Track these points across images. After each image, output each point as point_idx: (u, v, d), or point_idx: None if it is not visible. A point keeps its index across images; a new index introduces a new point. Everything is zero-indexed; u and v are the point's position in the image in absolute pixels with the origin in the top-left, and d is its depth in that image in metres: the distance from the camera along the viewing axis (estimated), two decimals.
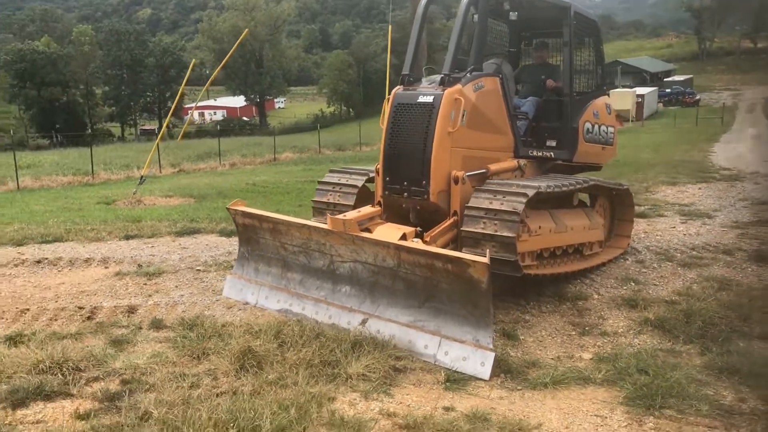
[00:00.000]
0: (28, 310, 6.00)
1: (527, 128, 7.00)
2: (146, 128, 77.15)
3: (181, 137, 28.42)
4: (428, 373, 4.61)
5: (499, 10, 6.73)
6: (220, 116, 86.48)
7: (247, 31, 19.86)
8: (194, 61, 22.71)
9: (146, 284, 6.80)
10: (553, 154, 7.00)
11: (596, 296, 6.31)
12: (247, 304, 6.05)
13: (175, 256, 7.96)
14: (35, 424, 3.84)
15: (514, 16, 6.60)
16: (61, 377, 4.37)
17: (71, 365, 4.53)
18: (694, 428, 3.86)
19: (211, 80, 22.54)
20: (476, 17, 6.36)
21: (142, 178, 15.84)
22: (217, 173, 23.82)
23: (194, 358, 4.80)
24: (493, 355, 4.56)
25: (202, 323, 5.48)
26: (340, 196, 6.64)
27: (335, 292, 5.52)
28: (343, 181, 6.77)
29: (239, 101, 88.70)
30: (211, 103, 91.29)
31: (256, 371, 4.49)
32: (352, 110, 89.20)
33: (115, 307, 6.07)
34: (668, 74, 79.84)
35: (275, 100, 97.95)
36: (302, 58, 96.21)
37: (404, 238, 5.24)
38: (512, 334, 5.38)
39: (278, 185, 16.95)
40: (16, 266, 7.58)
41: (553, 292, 6.30)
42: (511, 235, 5.31)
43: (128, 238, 9.13)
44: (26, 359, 4.56)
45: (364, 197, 6.62)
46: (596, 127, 7.39)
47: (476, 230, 5.46)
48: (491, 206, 5.48)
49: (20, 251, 8.29)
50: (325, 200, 6.72)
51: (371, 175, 6.58)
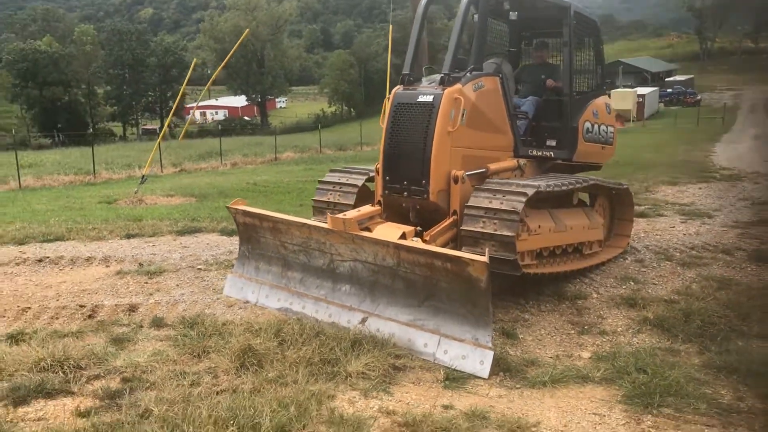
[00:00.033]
0: (29, 308, 6.02)
1: (527, 128, 7.01)
2: (148, 128, 77.18)
3: (182, 137, 28.41)
4: (427, 371, 4.63)
5: (499, 9, 6.74)
6: (221, 116, 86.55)
7: (248, 30, 19.89)
8: (195, 60, 22.72)
9: (147, 283, 6.82)
10: (552, 153, 7.01)
11: (595, 295, 6.32)
12: (247, 302, 6.07)
13: (176, 255, 7.98)
14: (36, 421, 3.86)
15: (514, 15, 6.61)
16: (62, 375, 4.39)
17: (72, 363, 4.55)
18: (691, 426, 3.87)
19: (212, 80, 22.56)
20: (476, 17, 6.38)
21: (143, 177, 15.88)
22: (218, 173, 23.83)
23: (195, 356, 4.82)
24: (492, 353, 4.57)
25: (202, 322, 5.50)
26: (340, 195, 6.66)
27: (335, 290, 5.54)
28: (343, 180, 6.79)
29: (241, 101, 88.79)
30: (212, 102, 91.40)
31: (256, 369, 4.51)
32: (353, 110, 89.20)
33: (116, 305, 6.10)
34: (669, 74, 79.79)
35: (276, 99, 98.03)
36: (304, 57, 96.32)
37: (404, 237, 5.25)
38: (511, 332, 5.40)
39: (279, 185, 16.96)
40: (17, 265, 7.61)
41: (552, 291, 6.31)
42: (510, 234, 5.33)
43: (129, 237, 9.15)
44: (27, 357, 4.58)
45: (364, 196, 6.64)
46: (596, 126, 7.40)
47: (476, 229, 5.48)
48: (491, 205, 5.49)
49: (22, 250, 8.31)
50: (325, 199, 6.74)
51: (371, 174, 6.59)
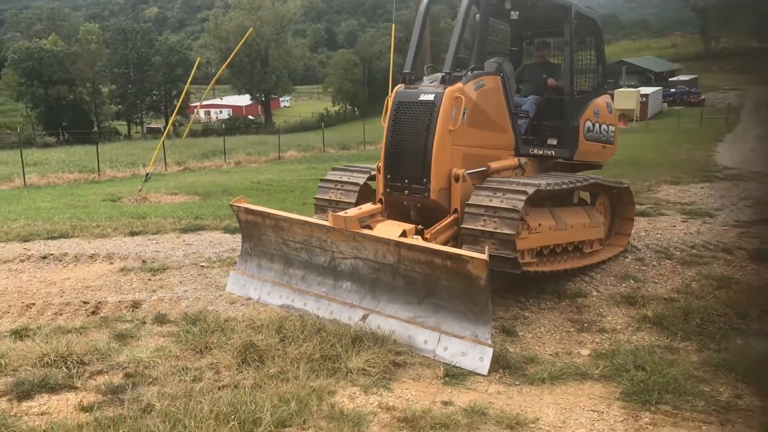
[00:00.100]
0: (33, 304, 6.08)
1: (528, 127, 7.03)
2: (152, 126, 77.32)
3: (186, 135, 28.51)
4: (427, 368, 4.66)
5: (500, 9, 6.75)
6: (225, 115, 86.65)
7: (251, 30, 19.96)
8: (199, 59, 22.77)
9: (150, 280, 6.87)
10: (553, 152, 7.03)
11: (595, 293, 6.34)
12: (249, 299, 6.12)
13: (179, 252, 8.03)
14: (40, 415, 3.91)
15: (515, 15, 6.62)
16: (65, 370, 4.45)
17: (75, 359, 4.61)
18: (689, 423, 3.90)
19: (216, 78, 22.62)
20: (478, 16, 6.40)
21: (147, 175, 15.92)
22: (222, 171, 23.87)
23: (197, 352, 4.87)
24: (491, 350, 4.60)
25: (205, 318, 5.55)
26: (342, 193, 6.70)
27: (336, 288, 5.58)
28: (345, 178, 6.83)
29: (245, 100, 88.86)
30: (216, 101, 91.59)
31: (257, 365, 4.55)
32: (357, 109, 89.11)
33: (119, 302, 6.15)
34: (673, 74, 79.50)
35: (280, 98, 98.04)
36: (308, 57, 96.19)
37: (404, 235, 5.28)
38: (511, 330, 5.43)
39: (282, 183, 17.00)
40: (22, 262, 7.67)
41: (552, 289, 6.33)
42: (510, 232, 5.36)
43: (133, 234, 9.20)
44: (31, 353, 4.65)
45: (365, 195, 6.68)
46: (597, 125, 7.42)
47: (476, 227, 5.51)
48: (491, 204, 5.52)
49: (26, 247, 8.37)
50: (327, 197, 6.78)
51: (373, 173, 6.63)
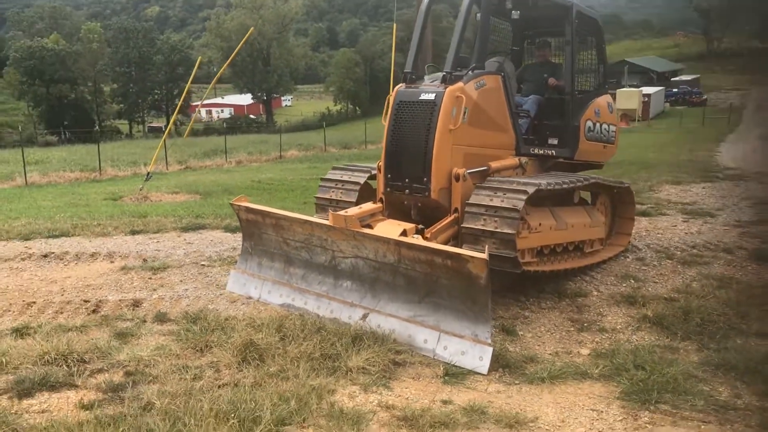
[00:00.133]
0: (34, 303, 6.09)
1: (529, 126, 7.03)
2: (154, 125, 77.33)
3: (187, 134, 28.54)
4: (427, 367, 4.67)
5: (501, 8, 6.75)
6: (227, 114, 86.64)
7: (252, 29, 19.96)
8: (200, 58, 22.78)
9: (151, 278, 6.88)
10: (554, 152, 7.03)
11: (596, 293, 6.34)
12: (250, 298, 6.13)
13: (180, 251, 8.04)
14: (40, 413, 3.92)
15: (516, 14, 6.62)
16: (66, 368, 4.46)
17: (76, 357, 4.62)
18: (688, 423, 3.91)
19: (217, 78, 22.65)
20: (479, 16, 6.41)
21: (148, 174, 15.94)
22: (223, 170, 23.89)
23: (197, 350, 4.88)
24: (491, 349, 4.61)
25: (205, 317, 5.55)
26: (342, 192, 6.70)
27: (337, 287, 5.59)
28: (345, 178, 6.83)
29: (246, 99, 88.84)
30: (218, 100, 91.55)
31: (257, 364, 4.56)
32: (358, 108, 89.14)
33: (120, 300, 6.16)
34: (675, 74, 79.40)
35: (282, 98, 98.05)
36: (309, 56, 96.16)
37: (404, 234, 5.28)
38: (511, 329, 5.43)
39: (283, 183, 17.00)
40: (23, 260, 7.68)
41: (552, 288, 6.34)
42: (511, 232, 5.37)
43: (134, 233, 9.22)
44: (32, 351, 4.66)
45: (366, 194, 6.68)
46: (598, 125, 7.41)
47: (476, 227, 5.51)
48: (491, 203, 5.53)
49: (27, 245, 8.39)
50: (327, 197, 6.79)
51: (373, 172, 6.63)
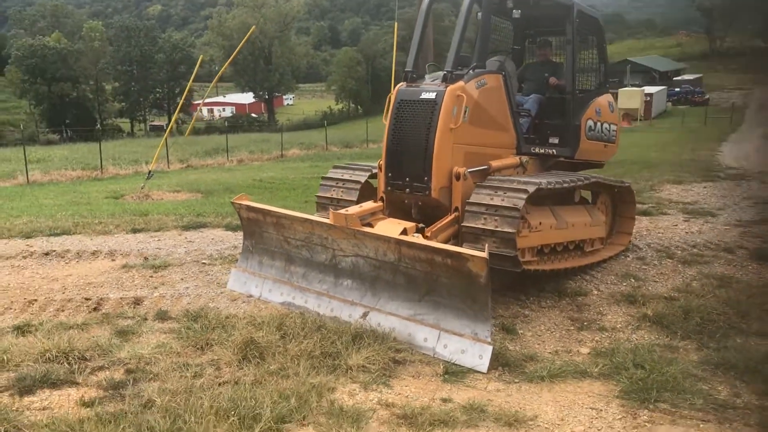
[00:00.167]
0: (35, 300, 6.11)
1: (530, 125, 7.04)
2: (155, 124, 77.34)
3: (188, 133, 28.58)
4: (427, 365, 4.68)
5: (502, 8, 6.76)
6: (228, 113, 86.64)
7: (254, 27, 19.97)
8: (202, 57, 22.79)
9: (152, 277, 6.90)
10: (555, 151, 7.03)
11: (596, 292, 6.35)
12: (250, 296, 6.14)
13: (181, 249, 8.06)
14: (41, 410, 3.94)
15: (517, 13, 6.62)
16: (67, 366, 4.47)
17: (77, 354, 4.63)
18: (687, 421, 3.91)
19: (218, 76, 22.67)
20: (480, 15, 6.41)
21: (150, 173, 15.96)
22: (224, 169, 23.91)
23: (198, 348, 4.89)
24: (491, 348, 4.61)
25: (206, 315, 5.56)
26: (343, 191, 6.71)
27: (337, 285, 5.60)
28: (346, 176, 6.84)
29: (248, 98, 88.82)
30: (220, 99, 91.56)
31: (258, 362, 4.57)
32: (360, 107, 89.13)
33: (121, 298, 6.17)
34: (678, 73, 79.28)
35: (284, 96, 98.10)
36: (311, 55, 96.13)
37: (405, 233, 5.29)
38: (511, 328, 5.44)
39: (285, 181, 17.02)
40: (24, 258, 7.70)
41: (553, 287, 6.34)
42: (511, 230, 5.37)
43: (135, 231, 9.24)
44: (33, 348, 4.67)
45: (366, 193, 6.69)
46: (598, 124, 7.42)
47: (477, 226, 5.52)
48: (492, 202, 5.54)
49: (29, 243, 8.41)
50: (328, 195, 6.80)
51: (374, 171, 6.64)
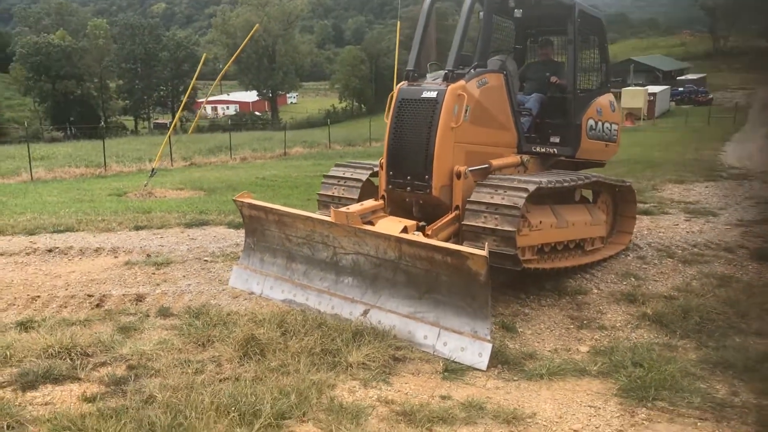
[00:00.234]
0: (38, 297, 6.15)
1: (531, 124, 7.05)
2: (159, 122, 77.40)
3: (192, 131, 28.62)
4: (427, 362, 4.71)
5: (504, 7, 6.77)
6: (232, 111, 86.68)
7: (257, 26, 20.00)
8: (205, 55, 22.86)
9: (154, 274, 6.93)
10: (556, 150, 7.05)
11: (596, 291, 6.37)
12: (252, 293, 6.17)
13: (183, 246, 8.09)
14: (44, 405, 3.97)
15: (518, 13, 6.63)
16: (69, 362, 4.51)
17: (79, 350, 4.67)
18: (684, 420, 3.93)
19: (222, 74, 22.71)
20: (482, 14, 6.42)
21: (153, 170, 16.03)
22: (227, 167, 23.94)
23: (199, 345, 4.92)
24: (490, 346, 4.64)
25: (207, 312, 5.60)
26: (344, 189, 6.74)
27: (338, 283, 5.63)
28: (347, 175, 6.87)
29: (252, 96, 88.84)
30: (223, 97, 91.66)
31: (258, 358, 4.60)
32: (363, 106, 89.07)
33: (123, 295, 6.21)
34: (681, 73, 79.05)
35: (287, 95, 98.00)
36: (315, 53, 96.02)
37: (405, 231, 5.31)
38: (511, 326, 5.46)
39: (287, 179, 17.05)
40: (28, 255, 7.75)
41: (553, 286, 6.36)
42: (511, 229, 5.39)
43: (138, 228, 9.28)
44: (36, 344, 4.70)
45: (368, 191, 6.71)
46: (599, 124, 7.43)
47: (477, 224, 5.54)
48: (492, 201, 5.56)
49: (32, 240, 8.46)
50: (330, 194, 6.82)
51: (375, 169, 6.66)
